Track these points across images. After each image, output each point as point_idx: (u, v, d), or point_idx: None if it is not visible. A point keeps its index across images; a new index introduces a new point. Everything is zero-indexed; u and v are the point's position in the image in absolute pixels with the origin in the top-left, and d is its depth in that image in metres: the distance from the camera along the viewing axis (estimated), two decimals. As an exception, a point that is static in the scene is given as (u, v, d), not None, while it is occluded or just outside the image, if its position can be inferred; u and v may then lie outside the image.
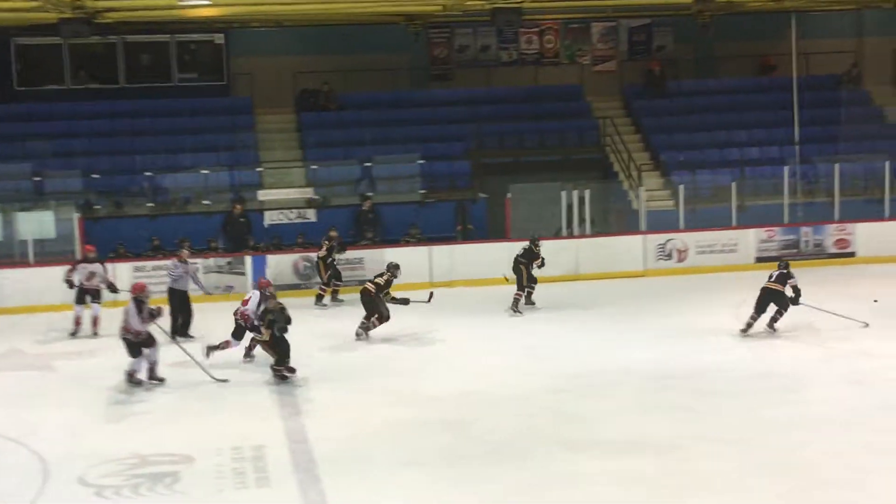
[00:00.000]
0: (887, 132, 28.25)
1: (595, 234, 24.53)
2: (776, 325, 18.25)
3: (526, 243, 21.13)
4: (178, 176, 25.69)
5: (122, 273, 21.62)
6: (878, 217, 24.90)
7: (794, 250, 24.32)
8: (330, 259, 21.73)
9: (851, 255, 24.40)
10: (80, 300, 19.40)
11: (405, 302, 18.71)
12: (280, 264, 23.02)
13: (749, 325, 18.08)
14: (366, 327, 18.53)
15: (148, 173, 25.32)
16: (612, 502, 11.26)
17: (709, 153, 27.29)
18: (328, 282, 21.78)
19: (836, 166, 25.33)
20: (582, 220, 24.33)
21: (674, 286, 22.39)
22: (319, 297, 21.85)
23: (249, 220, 24.28)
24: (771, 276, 18.40)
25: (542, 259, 21.01)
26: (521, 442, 13.13)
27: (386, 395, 15.24)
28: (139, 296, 15.70)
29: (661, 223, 24.52)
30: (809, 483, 11.59)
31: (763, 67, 30.14)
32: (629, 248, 24.00)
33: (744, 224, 24.70)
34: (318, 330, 19.23)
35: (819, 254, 24.34)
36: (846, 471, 11.87)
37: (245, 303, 16.73)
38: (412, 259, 22.74)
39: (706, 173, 26.20)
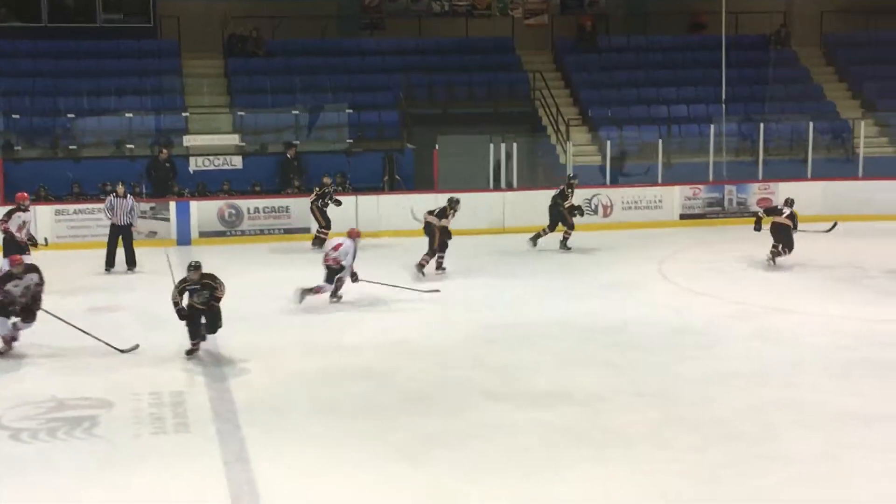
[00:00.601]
0: (812, 93, 28.62)
1: (523, 187, 24.60)
2: (777, 259, 19.53)
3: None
4: (102, 119, 25.26)
5: (44, 217, 21.34)
6: (801, 177, 25.24)
7: (718, 208, 24.67)
8: (321, 203, 21.72)
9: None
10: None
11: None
12: (205, 211, 22.83)
13: (774, 255, 19.60)
14: (438, 263, 19.62)
15: (70, 115, 24.87)
16: (533, 452, 11.38)
17: (637, 110, 27.47)
18: (328, 224, 21.78)
19: (762, 126, 25.62)
20: (509, 173, 24.41)
21: (599, 241, 22.52)
22: (319, 241, 21.66)
23: (175, 165, 24.00)
24: (782, 213, 19.70)
25: (575, 206, 21.67)
26: (442, 392, 13.21)
27: (307, 345, 15.26)
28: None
29: (588, 178, 24.60)
30: (722, 436, 11.80)
31: (693, 25, 30.39)
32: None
33: (669, 181, 24.92)
34: (261, 277, 19.23)
35: (742, 212, 24.63)
36: (757, 425, 12.11)
37: (335, 248, 17.14)
38: (338, 208, 22.70)
39: (633, 129, 26.34)
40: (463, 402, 12.86)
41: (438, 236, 19.58)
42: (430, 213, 19.88)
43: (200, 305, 14.24)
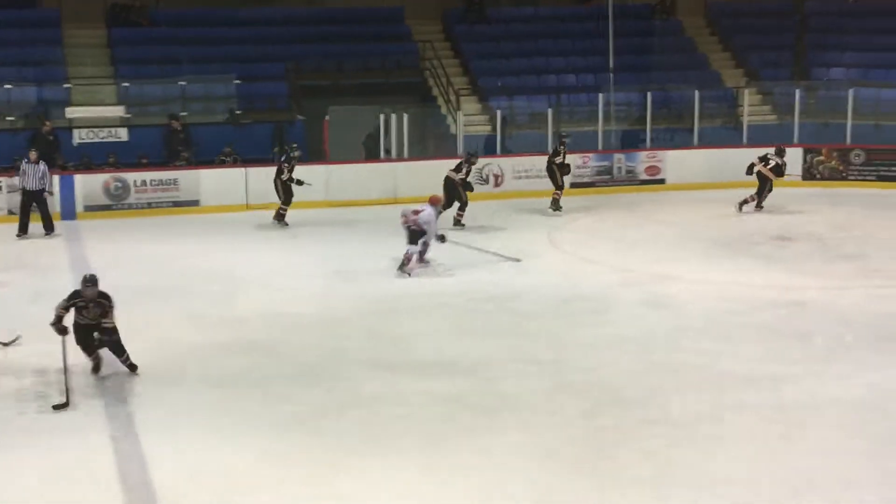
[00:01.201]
0: (698, 62, 29.11)
1: (414, 157, 24.61)
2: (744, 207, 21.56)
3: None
4: (-19, 90, 24.66)
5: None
6: (688, 145, 25.71)
7: (608, 176, 25.01)
8: (286, 179, 21.27)
9: (661, 181, 25.17)
10: None
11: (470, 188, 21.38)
12: (89, 184, 22.44)
13: (741, 203, 21.82)
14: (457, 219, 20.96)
15: (-52, 85, 24.24)
16: (426, 420, 11.49)
17: (526, 79, 27.65)
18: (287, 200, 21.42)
19: (648, 94, 26.00)
20: (400, 143, 24.40)
21: (490, 210, 22.68)
22: (280, 216, 21.41)
23: (58, 138, 23.48)
24: (768, 163, 21.46)
25: (567, 165, 22.46)
26: (331, 363, 13.23)
27: (193, 318, 15.13)
28: None
29: (479, 147, 24.74)
30: (610, 400, 12.04)
31: (581, -4, 30.68)
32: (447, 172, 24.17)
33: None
34: (148, 251, 19.06)
35: (631, 180, 25.02)
36: (644, 388, 12.38)
37: (416, 213, 17.41)
38: (227, 180, 22.56)
39: (523, 99, 26.52)
40: (353, 372, 12.89)
41: (462, 190, 21.01)
42: (451, 169, 21.20)
43: (90, 321, 12.45)
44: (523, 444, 10.81)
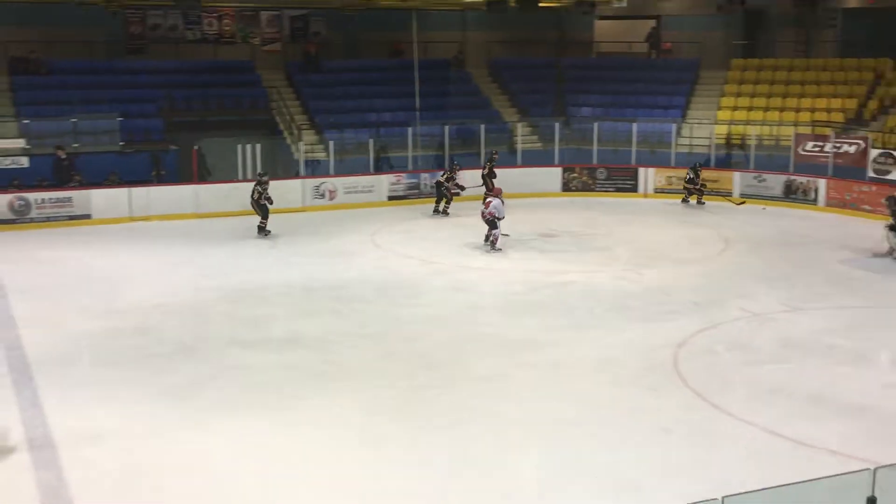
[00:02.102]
0: (483, 103, 29.50)
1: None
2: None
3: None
4: None
5: None
6: (477, 166, 25.94)
7: (416, 190, 25.03)
8: (260, 197, 20.26)
9: (457, 193, 25.27)
10: None
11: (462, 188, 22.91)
12: (-5, 203, 21.24)
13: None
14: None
15: None
16: (276, 385, 11.32)
17: (353, 116, 27.45)
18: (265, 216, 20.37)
19: (446, 128, 26.21)
20: (254, 167, 23.92)
21: (325, 219, 22.50)
22: (261, 229, 20.33)
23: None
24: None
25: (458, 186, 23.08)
26: (201, 343, 12.92)
27: (85, 310, 14.53)
28: None
29: (317, 170, 24.60)
30: (425, 364, 12.12)
31: (393, 51, 30.60)
32: (291, 190, 23.82)
33: (379, 171, 25.12)
34: (45, 256, 18.11)
35: (432, 194, 25.06)
36: (451, 354, 12.51)
37: (487, 205, 18.53)
38: (114, 198, 21.78)
39: (351, 132, 26.36)
40: (219, 349, 12.63)
41: (451, 192, 22.70)
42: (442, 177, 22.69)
43: None
44: (356, 401, 10.79)
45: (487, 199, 18.74)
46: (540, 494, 8.69)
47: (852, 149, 23.51)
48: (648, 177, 25.65)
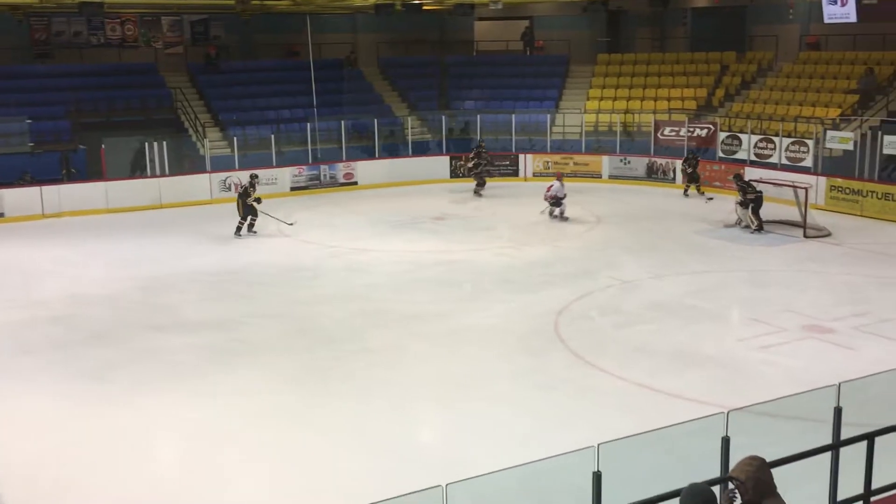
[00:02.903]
0: (375, 99, 29.27)
1: (173, 173, 23.43)
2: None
3: None
4: None
5: None
6: (372, 157, 25.84)
7: (317, 181, 24.69)
8: (247, 199, 18.86)
9: (355, 183, 25.14)
10: None
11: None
12: None
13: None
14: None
15: None
16: (189, 364, 11.02)
17: (254, 114, 26.84)
18: (244, 216, 18.90)
19: (342, 123, 25.91)
20: (162, 164, 23.20)
21: (232, 210, 21.66)
22: (238, 230, 18.91)
23: None
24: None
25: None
26: (116, 328, 12.49)
27: (2, 301, 13.90)
28: None
29: (222, 164, 23.95)
30: (325, 339, 12.00)
31: (290, 53, 30.03)
32: (199, 184, 23.21)
33: (281, 164, 24.66)
34: None
35: (333, 183, 24.86)
36: (349, 329, 12.40)
37: (549, 189, 19.49)
38: (26, 196, 20.82)
39: (253, 128, 25.80)
40: (133, 334, 12.22)
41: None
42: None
43: None
44: (262, 375, 10.61)
45: (549, 185, 19.58)
46: (436, 455, 8.67)
47: (704, 132, 24.23)
48: (527, 162, 25.89)
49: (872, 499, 5.88)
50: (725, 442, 5.44)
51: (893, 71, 23.90)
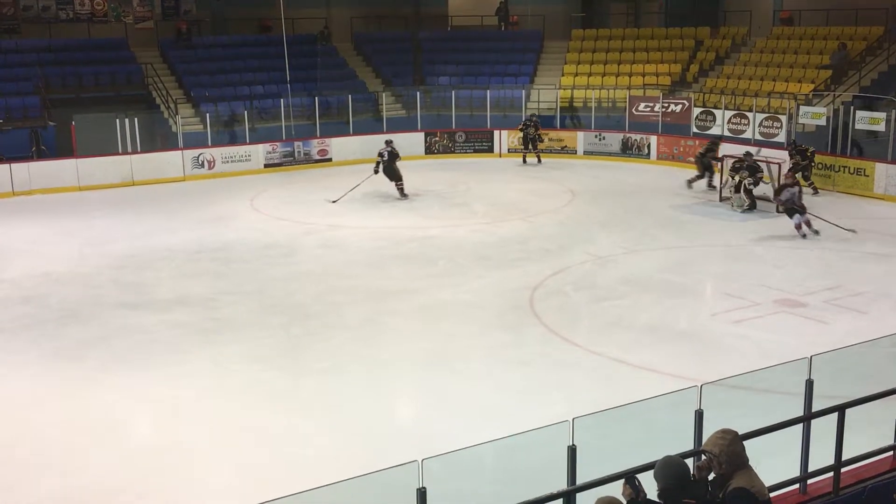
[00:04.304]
0: (349, 75, 29.06)
1: (145, 150, 23.15)
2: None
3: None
4: None
5: None
6: (346, 133, 25.67)
7: (291, 158, 24.51)
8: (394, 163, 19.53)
9: (329, 160, 24.97)
10: None
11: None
12: None
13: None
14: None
15: None
16: (164, 341, 10.95)
17: (226, 90, 26.57)
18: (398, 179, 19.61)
19: (316, 99, 25.70)
20: (134, 140, 22.91)
21: (205, 187, 21.81)
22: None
23: None
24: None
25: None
26: (88, 307, 12.36)
27: (-25, 281, 13.69)
28: None
29: (195, 141, 23.69)
30: (301, 315, 11.95)
31: (262, 28, 29.70)
32: (172, 161, 22.94)
33: (254, 141, 24.43)
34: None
35: (308, 160, 24.67)
36: (324, 305, 12.35)
37: (778, 193, 15.98)
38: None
39: (225, 105, 25.53)
40: (107, 312, 12.10)
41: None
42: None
43: None
44: (239, 352, 10.56)
45: (783, 190, 15.74)
46: (413, 427, 8.69)
47: (678, 108, 24.27)
48: (502, 138, 25.85)
49: (843, 469, 5.95)
50: (699, 415, 5.48)
51: (866, 46, 24.05)
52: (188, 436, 8.49)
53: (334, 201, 19.02)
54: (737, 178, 17.95)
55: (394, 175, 19.77)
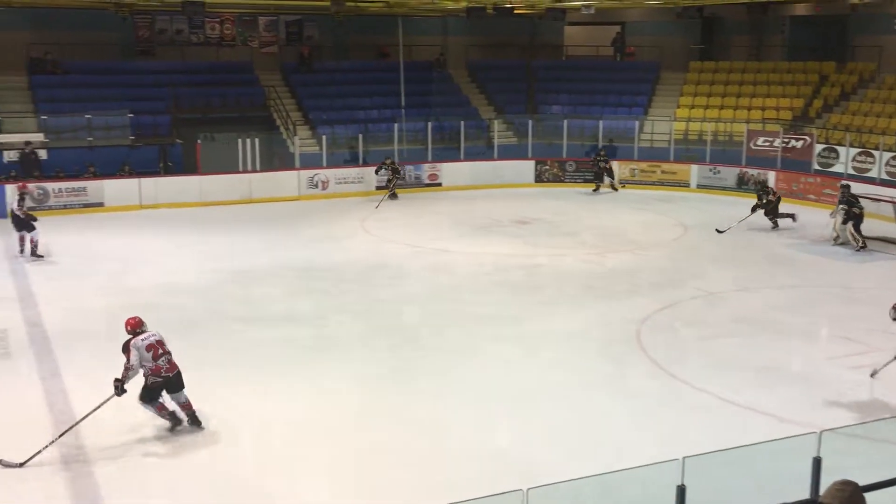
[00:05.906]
0: (462, 102, 29.35)
1: (264, 169, 23.95)
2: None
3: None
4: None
5: None
6: (457, 159, 25.90)
7: (402, 181, 24.87)
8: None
9: (439, 184, 25.24)
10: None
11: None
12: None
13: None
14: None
15: None
16: (272, 357, 11.22)
17: (343, 113, 27.23)
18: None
19: (429, 124, 26.05)
20: (254, 160, 23.73)
21: (319, 207, 22.35)
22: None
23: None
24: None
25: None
26: (207, 319, 12.79)
27: (99, 289, 14.39)
28: None
29: (311, 162, 24.36)
30: (408, 338, 12.06)
31: (380, 54, 30.36)
32: (288, 180, 23.66)
33: (367, 164, 24.92)
34: (66, 241, 17.61)
35: (419, 184, 25.02)
36: (431, 328, 12.39)
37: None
38: (125, 187, 21.55)
39: (341, 128, 26.15)
40: (223, 325, 12.50)
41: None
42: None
43: None
44: (344, 372, 10.70)
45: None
46: (514, 458, 8.63)
47: (799, 144, 23.54)
48: (613, 169, 25.59)
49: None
50: (817, 463, 5.26)
51: None
52: (290, 454, 8.61)
53: (722, 231, 18.72)
54: (837, 216, 17.37)
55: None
